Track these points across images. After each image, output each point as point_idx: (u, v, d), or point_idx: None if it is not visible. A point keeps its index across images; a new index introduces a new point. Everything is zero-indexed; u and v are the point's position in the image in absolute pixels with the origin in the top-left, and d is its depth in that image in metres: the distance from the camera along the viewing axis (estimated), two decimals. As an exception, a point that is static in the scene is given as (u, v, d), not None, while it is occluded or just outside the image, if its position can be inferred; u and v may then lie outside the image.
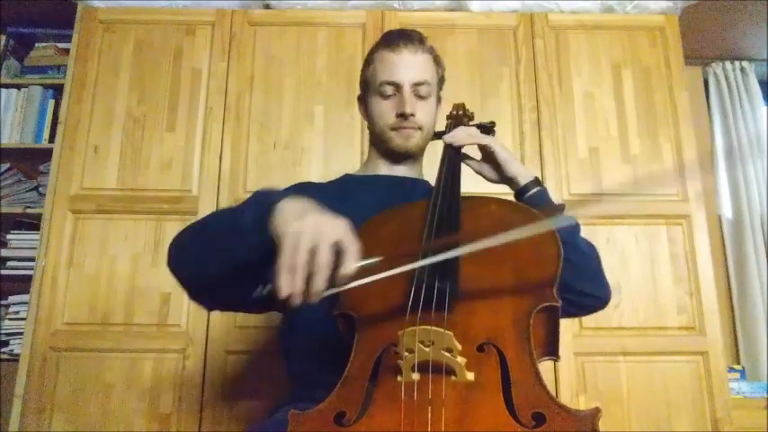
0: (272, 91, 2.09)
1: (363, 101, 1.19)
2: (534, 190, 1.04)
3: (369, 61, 1.17)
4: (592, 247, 1.04)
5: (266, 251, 0.75)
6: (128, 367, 1.83)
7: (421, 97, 1.11)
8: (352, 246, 0.70)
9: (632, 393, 1.83)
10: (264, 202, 0.78)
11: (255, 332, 1.85)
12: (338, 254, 0.69)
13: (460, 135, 1.08)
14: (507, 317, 0.74)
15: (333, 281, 0.69)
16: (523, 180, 1.05)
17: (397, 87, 1.10)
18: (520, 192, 1.05)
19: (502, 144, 1.08)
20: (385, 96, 1.11)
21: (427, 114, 1.13)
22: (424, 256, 0.81)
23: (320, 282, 0.68)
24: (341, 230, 0.71)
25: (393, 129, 1.11)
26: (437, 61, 1.17)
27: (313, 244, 0.68)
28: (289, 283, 0.68)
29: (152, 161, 2.00)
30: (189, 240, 0.91)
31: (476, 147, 1.10)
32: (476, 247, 0.74)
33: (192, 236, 0.91)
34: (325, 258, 0.68)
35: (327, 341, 0.91)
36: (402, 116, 1.09)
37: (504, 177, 1.08)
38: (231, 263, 0.81)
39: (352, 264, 0.69)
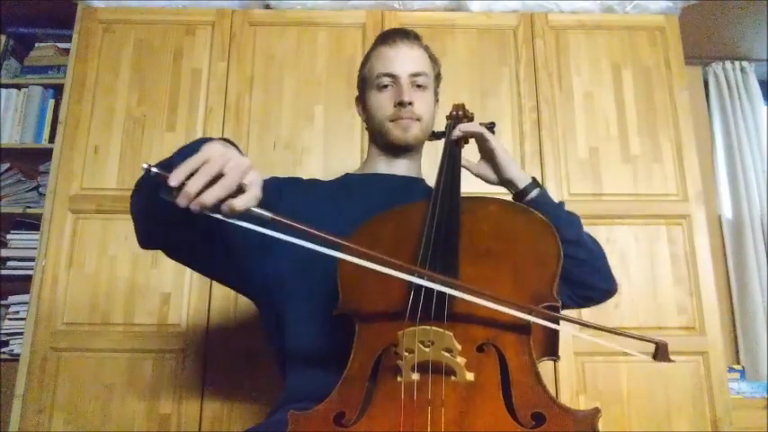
0: (272, 91, 2.08)
1: (361, 99, 1.19)
2: (534, 193, 1.05)
3: (365, 60, 1.17)
4: (595, 242, 1.07)
5: None
6: (127, 367, 1.82)
7: (419, 86, 1.11)
8: (255, 190, 0.70)
9: (632, 393, 1.83)
10: (199, 140, 0.80)
11: (255, 332, 1.85)
12: (239, 191, 0.69)
13: (464, 126, 1.09)
14: (507, 317, 0.74)
15: (219, 207, 0.68)
16: (522, 183, 1.06)
17: (395, 79, 1.10)
18: (519, 194, 1.06)
19: (502, 145, 1.09)
20: (382, 89, 1.11)
21: (426, 105, 1.12)
22: (424, 259, 0.81)
23: (212, 196, 0.67)
24: (254, 176, 0.71)
25: (391, 120, 1.10)
26: (433, 59, 1.17)
27: (225, 167, 0.68)
28: (182, 179, 0.67)
29: (152, 161, 1.99)
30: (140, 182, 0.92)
31: (475, 149, 1.10)
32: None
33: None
34: (229, 181, 0.68)
35: (322, 341, 0.91)
36: (400, 105, 1.08)
37: (502, 179, 1.09)
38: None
39: (247, 202, 0.69)
